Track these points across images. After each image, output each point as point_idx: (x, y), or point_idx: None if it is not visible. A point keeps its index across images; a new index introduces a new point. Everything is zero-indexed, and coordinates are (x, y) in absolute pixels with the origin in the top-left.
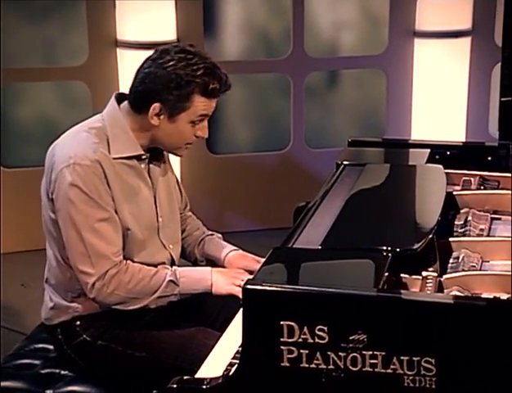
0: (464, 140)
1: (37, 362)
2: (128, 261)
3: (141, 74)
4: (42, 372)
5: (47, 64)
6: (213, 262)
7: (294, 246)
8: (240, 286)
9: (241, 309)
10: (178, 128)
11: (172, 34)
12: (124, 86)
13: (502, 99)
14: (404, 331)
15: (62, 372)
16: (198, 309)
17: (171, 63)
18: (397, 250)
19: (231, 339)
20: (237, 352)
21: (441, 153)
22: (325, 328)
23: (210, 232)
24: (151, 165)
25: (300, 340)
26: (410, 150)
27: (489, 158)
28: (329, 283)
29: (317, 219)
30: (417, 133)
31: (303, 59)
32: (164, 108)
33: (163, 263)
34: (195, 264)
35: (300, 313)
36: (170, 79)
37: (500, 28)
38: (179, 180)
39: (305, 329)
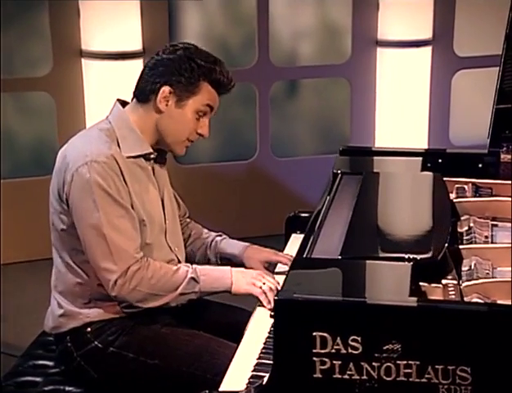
0: (426, 147)
1: (38, 379)
2: (149, 258)
3: (151, 63)
4: (46, 389)
5: (9, 74)
6: (228, 260)
7: (314, 256)
8: (260, 288)
9: (252, 320)
10: (184, 116)
11: (137, 44)
12: (89, 96)
13: (497, 106)
14: (439, 340)
15: (67, 388)
16: (201, 317)
17: (183, 50)
18: (419, 258)
19: (248, 351)
20: (257, 364)
21: (432, 161)
22: (359, 338)
23: (218, 233)
24: (156, 169)
25: (333, 351)
26: (403, 158)
27: (480, 165)
28: (359, 293)
29: (328, 229)
30: (381, 141)
31: (268, 68)
32: (174, 92)
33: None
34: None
35: (333, 324)
36: (183, 61)
37: (459, 37)
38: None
39: (338, 340)
